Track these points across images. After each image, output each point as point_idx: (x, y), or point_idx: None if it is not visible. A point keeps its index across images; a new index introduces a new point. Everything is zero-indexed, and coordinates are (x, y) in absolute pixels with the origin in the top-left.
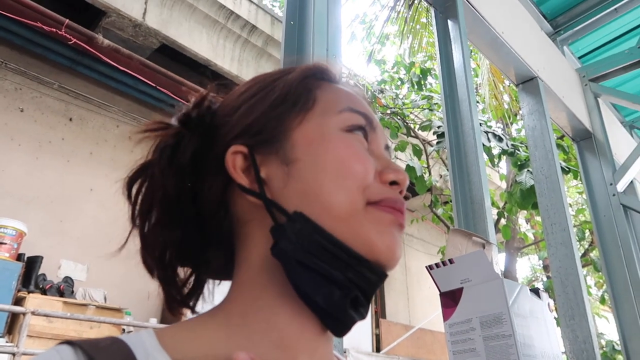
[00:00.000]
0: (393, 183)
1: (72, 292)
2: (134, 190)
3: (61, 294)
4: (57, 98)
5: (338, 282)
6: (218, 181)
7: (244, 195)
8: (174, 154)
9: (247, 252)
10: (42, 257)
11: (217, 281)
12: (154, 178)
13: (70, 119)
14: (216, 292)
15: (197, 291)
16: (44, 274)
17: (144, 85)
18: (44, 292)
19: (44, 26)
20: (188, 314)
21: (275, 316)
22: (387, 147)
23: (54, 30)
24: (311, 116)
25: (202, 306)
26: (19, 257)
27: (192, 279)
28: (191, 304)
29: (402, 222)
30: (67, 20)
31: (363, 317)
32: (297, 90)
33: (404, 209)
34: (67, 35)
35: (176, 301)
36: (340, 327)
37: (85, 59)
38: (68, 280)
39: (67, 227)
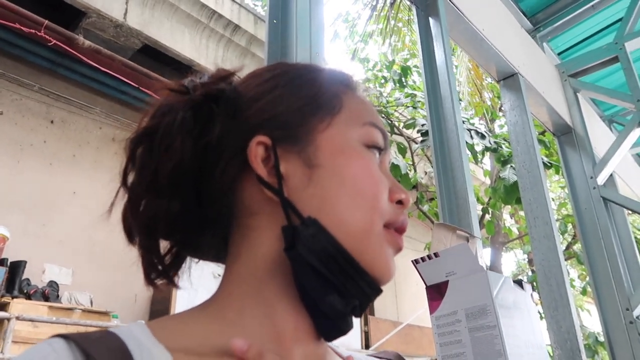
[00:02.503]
0: (399, 202)
1: (58, 296)
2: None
3: (46, 298)
4: (37, 100)
5: (342, 291)
6: (234, 165)
7: (258, 185)
8: (198, 126)
9: (250, 245)
10: (25, 262)
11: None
12: (169, 145)
13: (52, 122)
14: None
15: (177, 264)
16: (28, 279)
17: (126, 86)
18: (28, 297)
19: (22, 27)
20: (176, 307)
21: (272, 311)
22: (389, 162)
23: (33, 31)
24: (337, 122)
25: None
26: (2, 262)
27: (172, 252)
28: (171, 275)
29: (401, 244)
30: (47, 22)
31: (351, 326)
32: (326, 92)
33: (405, 228)
34: (47, 37)
35: (157, 270)
36: (334, 333)
37: (66, 60)
38: (53, 285)
39: (51, 230)
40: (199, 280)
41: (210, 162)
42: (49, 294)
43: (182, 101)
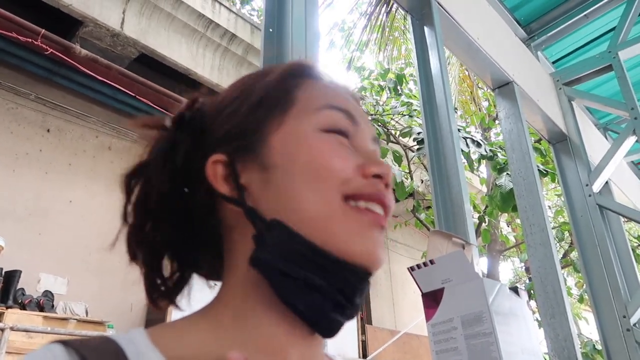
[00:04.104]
0: (377, 177)
1: (53, 306)
2: (131, 187)
3: (41, 308)
4: (34, 109)
5: (319, 288)
6: (205, 187)
7: None
8: (168, 155)
9: (234, 257)
10: (20, 271)
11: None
12: (149, 178)
13: (48, 130)
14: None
15: (181, 286)
16: (22, 289)
17: (123, 95)
18: (23, 307)
19: (19, 36)
20: (172, 316)
21: (262, 320)
22: (374, 140)
23: (30, 40)
24: (289, 118)
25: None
26: None
27: (176, 273)
28: (173, 297)
29: (382, 222)
30: (43, 31)
31: (350, 317)
32: (275, 92)
33: (388, 202)
34: (44, 46)
35: (159, 292)
36: (327, 331)
37: (63, 69)
38: (48, 294)
39: (46, 240)
40: (193, 291)
41: (189, 187)
42: (44, 303)
43: (163, 134)
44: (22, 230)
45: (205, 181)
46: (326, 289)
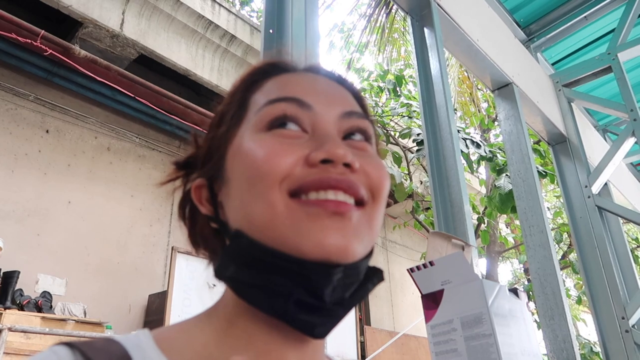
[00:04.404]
0: (325, 161)
1: (51, 307)
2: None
3: (39, 309)
4: (33, 110)
5: (280, 291)
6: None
7: None
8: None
9: None
10: (18, 272)
11: None
12: (191, 209)
13: (47, 131)
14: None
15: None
16: (21, 289)
17: (122, 95)
18: (21, 307)
19: (19, 37)
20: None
21: (256, 326)
22: (345, 116)
23: (30, 41)
24: (241, 127)
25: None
26: None
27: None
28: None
29: (335, 209)
30: (43, 32)
31: (330, 315)
32: (230, 105)
33: (346, 184)
34: (43, 47)
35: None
36: (306, 331)
37: (62, 70)
38: (46, 295)
39: (45, 240)
40: (194, 290)
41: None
42: (42, 304)
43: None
44: (20, 231)
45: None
46: (288, 290)
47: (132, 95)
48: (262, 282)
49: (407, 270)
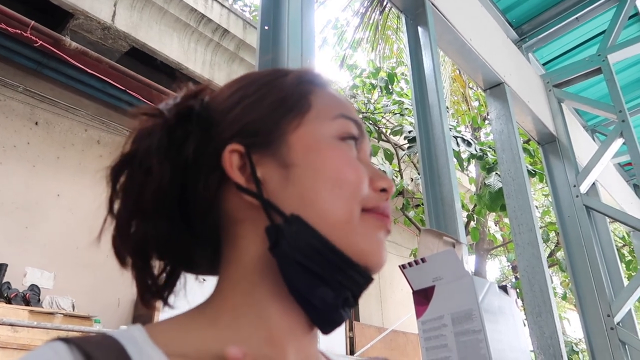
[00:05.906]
0: (382, 190)
1: (39, 300)
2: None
3: (27, 302)
4: (22, 101)
5: (331, 284)
6: (214, 178)
7: (239, 194)
8: (173, 146)
9: (238, 251)
10: (6, 265)
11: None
12: (149, 169)
13: (36, 123)
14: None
15: (172, 283)
16: (8, 282)
17: (113, 88)
18: (8, 301)
19: (8, 28)
20: (160, 315)
21: (266, 312)
22: (371, 154)
23: (19, 32)
24: (307, 121)
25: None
26: None
27: (167, 270)
28: (165, 296)
29: (389, 227)
30: (33, 22)
31: (348, 317)
32: (293, 94)
33: (389, 213)
34: (33, 38)
35: (150, 292)
36: (329, 325)
37: (52, 61)
38: (34, 289)
39: (33, 233)
40: (182, 285)
41: (191, 180)
42: (30, 298)
43: (157, 124)
44: (8, 224)
45: (213, 173)
46: (338, 286)
47: (123, 88)
48: (317, 271)
49: (399, 267)
